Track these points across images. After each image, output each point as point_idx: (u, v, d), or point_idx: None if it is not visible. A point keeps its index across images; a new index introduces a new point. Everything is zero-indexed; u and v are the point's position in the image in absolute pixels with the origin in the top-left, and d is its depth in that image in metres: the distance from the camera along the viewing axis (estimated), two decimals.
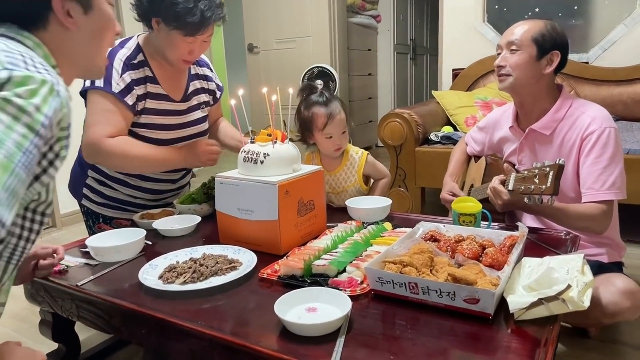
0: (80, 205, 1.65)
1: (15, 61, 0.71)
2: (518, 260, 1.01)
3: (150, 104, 1.46)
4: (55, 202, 3.26)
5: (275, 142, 1.23)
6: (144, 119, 1.46)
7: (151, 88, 1.46)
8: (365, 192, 1.62)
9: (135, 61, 1.43)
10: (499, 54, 1.41)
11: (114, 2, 0.95)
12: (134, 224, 1.43)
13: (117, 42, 1.47)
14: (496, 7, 3.54)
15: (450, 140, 2.73)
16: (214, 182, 1.29)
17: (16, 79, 0.68)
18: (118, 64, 1.40)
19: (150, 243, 1.27)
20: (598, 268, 1.30)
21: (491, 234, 1.13)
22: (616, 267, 1.39)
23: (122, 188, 1.57)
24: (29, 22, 0.81)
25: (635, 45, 3.11)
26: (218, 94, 1.68)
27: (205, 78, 1.63)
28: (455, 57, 3.61)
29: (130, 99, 1.40)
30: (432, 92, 3.30)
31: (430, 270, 0.96)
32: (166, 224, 1.37)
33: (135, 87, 1.41)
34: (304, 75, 4.06)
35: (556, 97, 1.39)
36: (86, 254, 1.21)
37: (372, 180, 1.66)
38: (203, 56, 1.65)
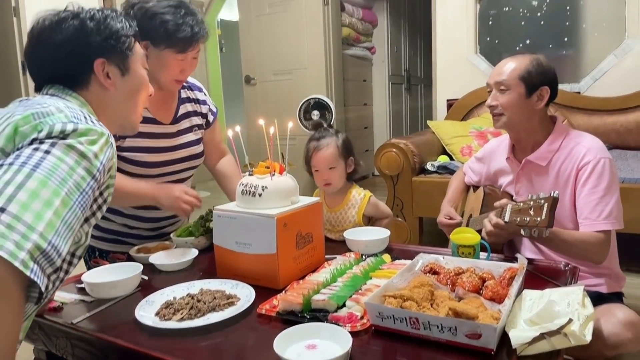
0: None
1: (78, 116, 0.83)
2: (519, 293, 1.00)
3: None
4: None
5: (274, 175, 1.24)
6: (129, 142, 1.45)
7: None
8: None
9: None
10: (489, 92, 1.43)
11: (147, 66, 1.06)
12: (130, 258, 1.41)
13: None
14: (487, 39, 3.63)
15: (447, 170, 2.75)
16: (212, 214, 1.28)
17: (80, 130, 0.80)
18: None
19: (146, 278, 1.26)
20: (598, 299, 1.29)
21: (491, 266, 1.12)
22: (616, 297, 1.39)
23: (117, 218, 1.56)
24: (73, 83, 0.94)
25: (626, 75, 3.18)
26: (211, 117, 1.67)
27: (197, 101, 1.64)
28: (449, 87, 3.68)
29: None
30: (428, 122, 3.34)
31: (431, 304, 0.95)
32: (163, 258, 1.36)
33: None
34: (301, 106, 4.11)
35: (550, 129, 1.42)
36: (82, 290, 1.19)
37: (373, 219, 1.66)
38: (195, 81, 1.66)
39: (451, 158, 3.01)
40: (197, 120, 1.62)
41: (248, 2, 4.66)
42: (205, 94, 1.68)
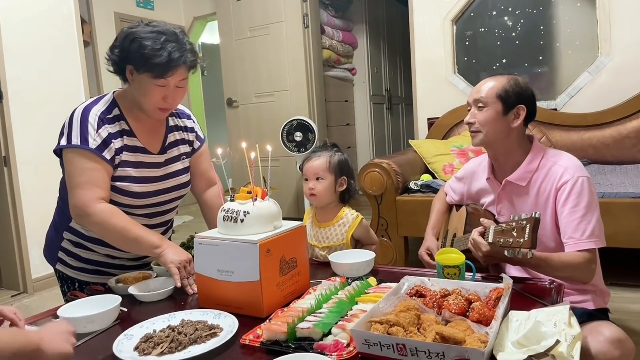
0: (55, 270, 1.59)
1: None
2: (505, 314, 0.99)
3: (126, 156, 1.44)
4: (27, 266, 3.14)
5: (256, 200, 1.22)
6: (120, 171, 1.43)
7: (128, 141, 1.45)
8: None
9: (111, 115, 1.43)
10: (468, 110, 1.45)
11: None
12: (108, 290, 1.37)
13: (92, 98, 1.47)
14: (465, 59, 3.70)
15: (430, 189, 2.76)
16: (193, 242, 1.26)
17: None
18: (93, 119, 1.39)
19: (125, 310, 1.22)
20: (584, 315, 1.29)
21: (476, 287, 1.11)
22: (602, 313, 1.38)
23: (98, 248, 1.52)
24: None
25: (600, 91, 3.26)
26: (197, 144, 1.64)
27: (185, 129, 1.62)
28: (430, 106, 3.72)
29: (108, 153, 1.39)
30: (409, 141, 3.37)
31: (418, 329, 0.93)
32: (142, 288, 1.32)
33: (112, 140, 1.40)
34: (283, 127, 4.12)
35: (528, 149, 1.43)
36: None
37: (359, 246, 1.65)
38: (184, 108, 1.65)
39: (434, 176, 3.03)
40: (184, 148, 1.61)
41: (229, 26, 4.69)
42: (194, 121, 1.66)
